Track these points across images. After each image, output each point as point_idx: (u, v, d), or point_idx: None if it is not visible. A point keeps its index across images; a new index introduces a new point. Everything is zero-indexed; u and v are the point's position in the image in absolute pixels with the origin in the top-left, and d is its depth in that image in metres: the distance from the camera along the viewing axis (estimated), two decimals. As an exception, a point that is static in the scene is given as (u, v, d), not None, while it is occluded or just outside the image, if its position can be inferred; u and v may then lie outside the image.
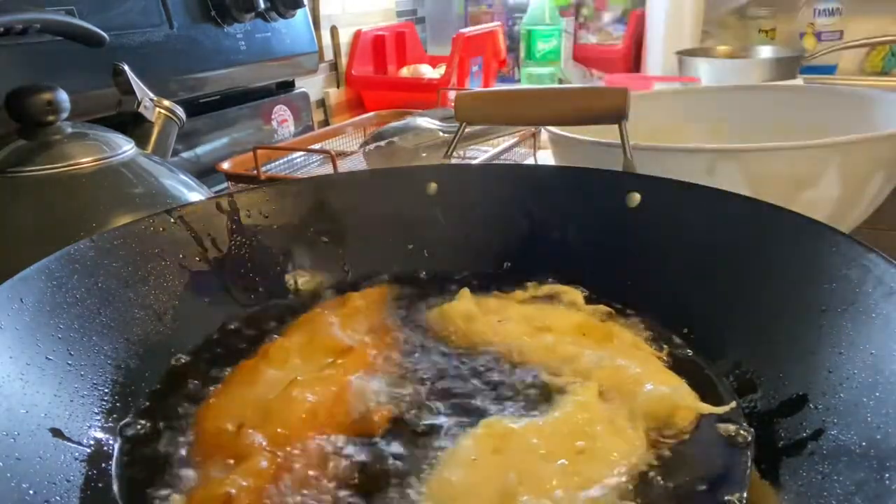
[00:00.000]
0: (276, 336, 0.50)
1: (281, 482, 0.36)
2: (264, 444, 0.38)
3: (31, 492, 0.32)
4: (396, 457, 0.38)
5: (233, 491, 0.34)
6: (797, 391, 0.38)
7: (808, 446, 0.35)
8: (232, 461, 0.37)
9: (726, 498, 0.34)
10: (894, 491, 0.28)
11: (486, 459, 0.36)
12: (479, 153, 1.07)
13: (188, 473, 0.38)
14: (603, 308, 0.52)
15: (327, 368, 0.45)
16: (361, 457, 0.38)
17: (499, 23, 1.73)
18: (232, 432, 0.39)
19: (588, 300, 0.53)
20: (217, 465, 0.38)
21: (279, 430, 0.39)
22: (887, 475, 0.29)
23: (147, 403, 0.43)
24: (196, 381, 0.45)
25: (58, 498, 0.33)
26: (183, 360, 0.48)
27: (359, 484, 0.36)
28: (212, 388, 0.45)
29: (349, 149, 1.20)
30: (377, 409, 0.41)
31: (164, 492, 0.36)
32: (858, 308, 0.37)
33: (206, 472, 0.37)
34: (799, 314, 0.40)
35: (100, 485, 0.36)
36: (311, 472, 0.37)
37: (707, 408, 0.39)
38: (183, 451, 0.39)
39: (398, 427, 0.40)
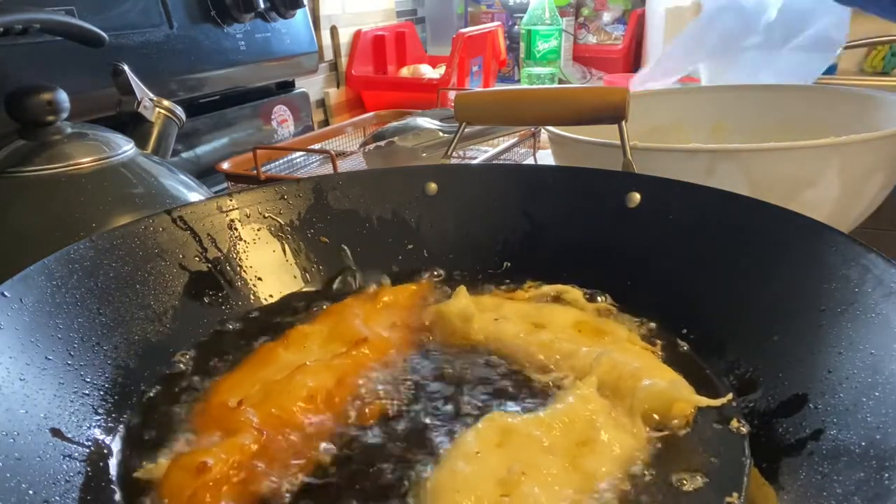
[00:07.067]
0: (267, 337, 0.51)
1: (260, 461, 0.37)
2: (255, 422, 0.39)
3: (30, 492, 0.32)
4: (394, 453, 0.38)
5: (209, 461, 0.35)
6: (797, 391, 0.38)
7: (807, 446, 0.35)
8: (223, 434, 0.39)
9: (726, 500, 0.34)
10: (894, 491, 0.28)
11: (490, 452, 0.36)
12: (479, 153, 1.07)
13: (183, 441, 0.40)
14: (602, 306, 0.52)
15: (338, 357, 0.46)
16: (351, 448, 0.38)
17: (499, 23, 1.73)
18: (232, 407, 0.41)
19: (588, 300, 0.53)
20: (210, 436, 0.39)
21: (273, 410, 0.40)
22: (886, 475, 0.29)
23: (151, 394, 0.44)
24: (195, 379, 0.46)
25: (57, 498, 0.33)
26: (184, 360, 0.48)
27: (356, 473, 0.36)
28: (210, 384, 0.45)
29: (349, 149, 1.20)
30: (374, 401, 0.42)
31: (155, 455, 0.38)
32: (858, 308, 0.37)
33: (197, 441, 0.39)
34: (798, 314, 0.41)
35: (99, 484, 0.36)
36: (291, 456, 0.38)
37: (704, 400, 0.39)
38: (183, 425, 0.41)
39: (395, 422, 0.40)
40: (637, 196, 0.54)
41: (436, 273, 0.60)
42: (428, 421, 0.40)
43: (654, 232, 0.53)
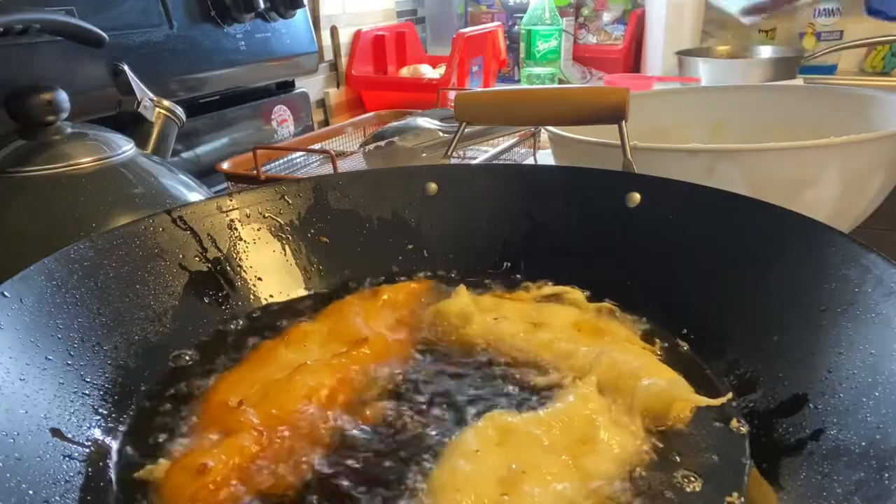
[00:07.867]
0: (267, 337, 0.51)
1: (260, 461, 0.37)
2: (255, 422, 0.39)
3: (30, 492, 0.32)
4: (394, 452, 0.38)
5: (210, 463, 0.35)
6: (797, 391, 0.38)
7: (807, 446, 0.35)
8: (223, 434, 0.39)
9: (726, 500, 0.34)
10: (894, 491, 0.28)
11: (489, 451, 0.36)
12: (479, 153, 1.07)
13: (183, 441, 0.40)
14: (602, 306, 0.52)
15: (337, 357, 0.46)
16: (351, 448, 0.38)
17: (499, 23, 1.73)
18: (232, 407, 0.41)
19: (588, 300, 0.53)
20: (210, 436, 0.39)
21: (273, 410, 0.40)
22: (887, 475, 0.29)
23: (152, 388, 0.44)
24: (195, 379, 0.46)
25: (57, 498, 0.33)
26: (184, 360, 0.48)
27: (356, 472, 0.36)
28: (210, 384, 0.45)
29: (349, 149, 1.20)
30: (374, 401, 0.42)
31: (155, 455, 0.38)
32: (858, 308, 0.37)
33: (197, 441, 0.39)
34: (799, 314, 0.41)
35: (99, 484, 0.36)
36: (291, 456, 0.38)
37: (703, 400, 0.39)
38: (183, 425, 0.41)
39: (395, 421, 0.40)
40: (637, 196, 0.54)
41: (436, 273, 0.60)
42: (428, 420, 0.40)
43: (654, 232, 0.53)
